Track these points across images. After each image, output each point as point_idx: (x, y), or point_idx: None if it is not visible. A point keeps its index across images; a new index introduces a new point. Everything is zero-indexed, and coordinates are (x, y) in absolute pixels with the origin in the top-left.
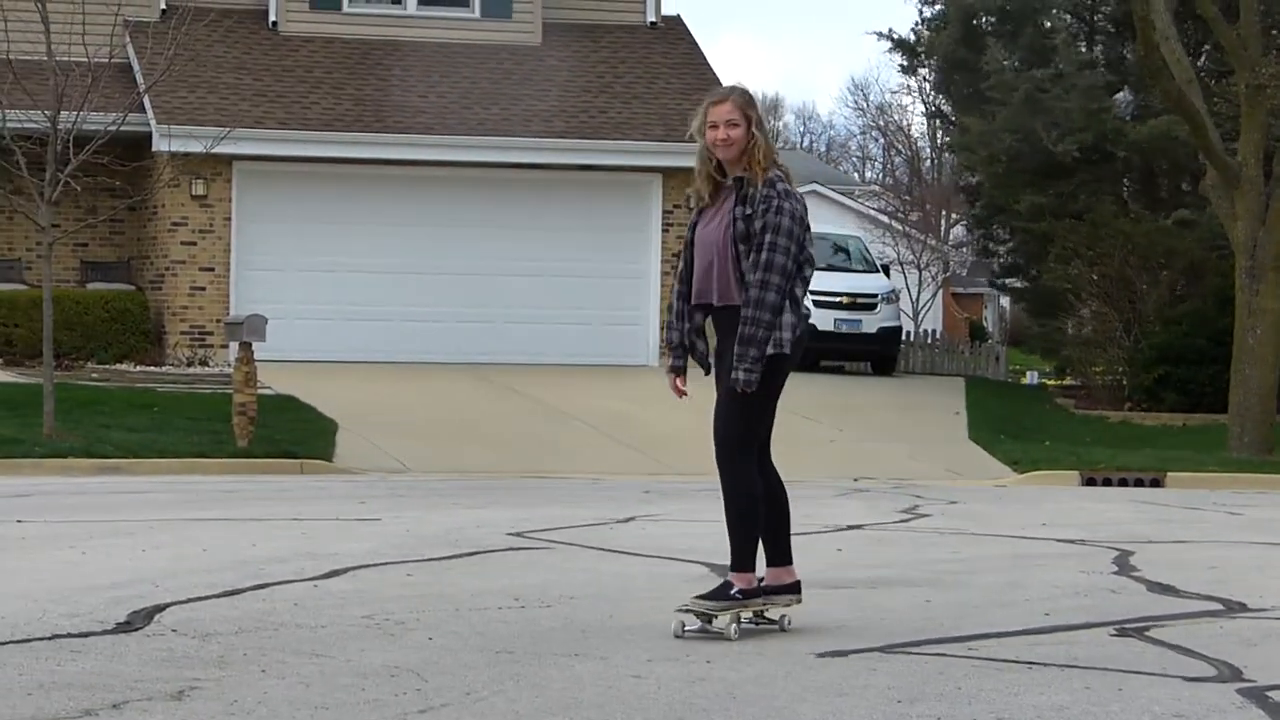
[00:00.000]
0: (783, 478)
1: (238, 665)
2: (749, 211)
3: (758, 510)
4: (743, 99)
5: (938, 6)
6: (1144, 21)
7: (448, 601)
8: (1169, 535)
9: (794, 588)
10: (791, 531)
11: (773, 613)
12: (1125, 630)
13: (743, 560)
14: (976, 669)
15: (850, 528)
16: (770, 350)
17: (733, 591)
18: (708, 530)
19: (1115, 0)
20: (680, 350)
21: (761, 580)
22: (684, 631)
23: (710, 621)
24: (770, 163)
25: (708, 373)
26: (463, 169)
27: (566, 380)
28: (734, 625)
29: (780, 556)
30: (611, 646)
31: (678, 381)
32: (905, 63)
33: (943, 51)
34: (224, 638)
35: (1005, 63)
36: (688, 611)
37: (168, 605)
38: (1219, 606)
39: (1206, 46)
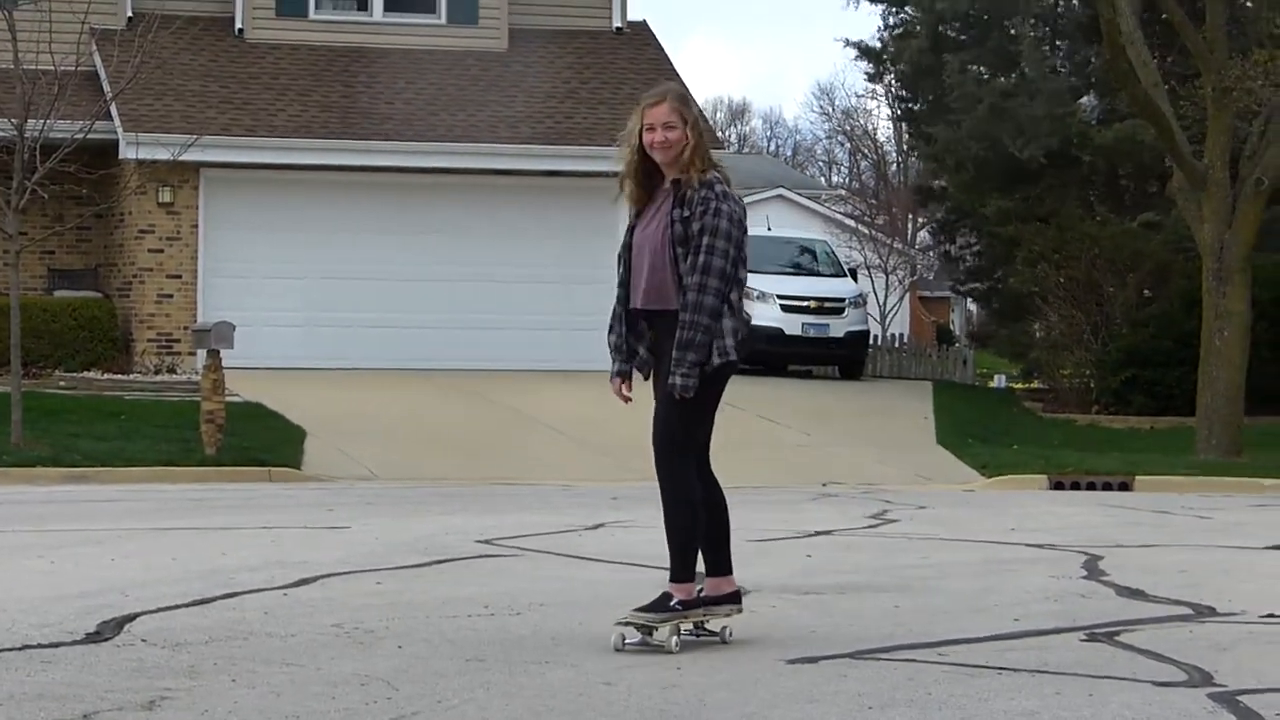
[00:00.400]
0: (751, 483)
1: (208, 675)
2: (687, 214)
3: (697, 518)
4: (679, 99)
5: (903, 13)
6: (1110, 25)
7: (418, 609)
8: (1138, 539)
9: (734, 597)
10: (732, 540)
11: (713, 624)
12: (1095, 635)
13: (682, 570)
14: (947, 674)
15: (819, 533)
16: (716, 359)
17: (672, 603)
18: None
19: (1081, 4)
20: (623, 355)
21: (700, 591)
22: (624, 644)
23: (650, 634)
24: (708, 164)
25: (646, 378)
26: (429, 175)
27: (534, 386)
28: (675, 638)
29: (720, 566)
30: (582, 654)
31: (623, 387)
32: (871, 70)
33: (910, 58)
34: (194, 647)
35: (970, 69)
36: (627, 624)
37: (138, 615)
38: (1189, 611)
39: (1173, 50)
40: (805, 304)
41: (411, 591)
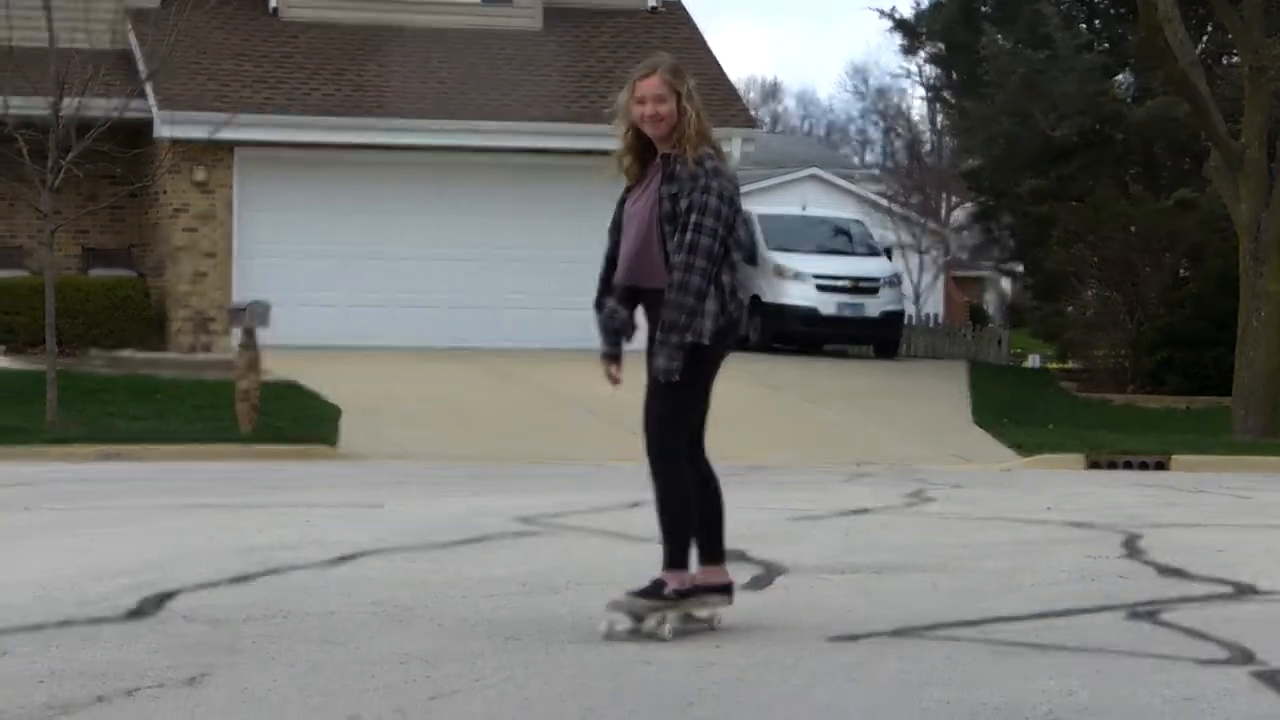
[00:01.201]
0: (786, 463)
1: (248, 652)
2: (675, 190)
3: (690, 505)
4: (671, 72)
5: None
6: (1147, 4)
7: (454, 588)
8: (1176, 519)
9: (726, 589)
10: (725, 529)
11: (702, 611)
12: (1135, 614)
13: (675, 557)
14: (986, 653)
15: (856, 512)
16: (689, 339)
17: (666, 591)
18: None
19: None
20: (612, 335)
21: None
22: (614, 631)
23: (641, 621)
24: (701, 139)
25: (629, 339)
26: (462, 154)
27: (565, 365)
28: (666, 626)
29: (712, 555)
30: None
31: (611, 368)
32: (905, 43)
33: (942, 31)
34: (234, 624)
35: (1003, 44)
36: (619, 609)
37: (177, 592)
38: (1229, 589)
39: (1209, 28)
40: (840, 284)
41: (448, 570)
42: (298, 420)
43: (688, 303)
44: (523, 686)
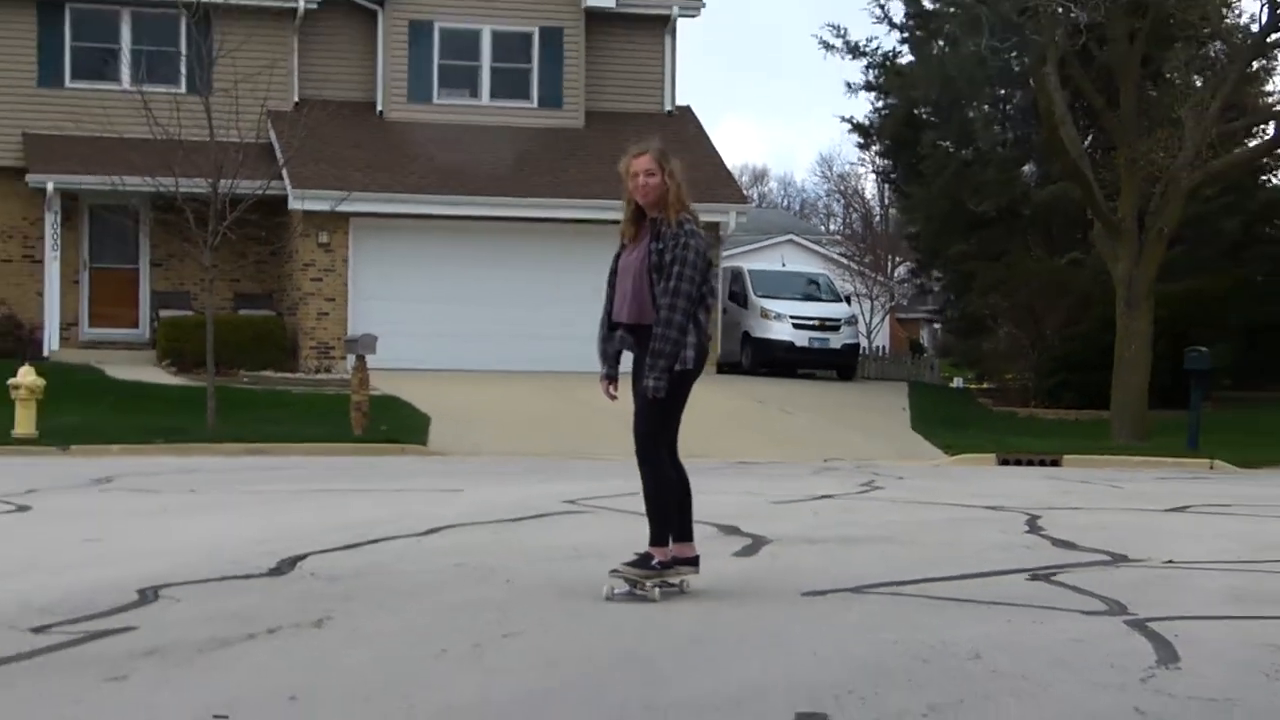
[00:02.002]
0: (767, 460)
1: (360, 601)
2: (661, 246)
3: (669, 496)
4: (659, 153)
5: (888, 99)
6: (1047, 110)
7: (519, 554)
8: (1067, 504)
9: (694, 561)
10: (693, 513)
11: (675, 579)
12: (1037, 576)
13: (660, 536)
14: (925, 605)
15: (822, 497)
16: (677, 367)
17: (653, 562)
18: (714, 499)
19: (1023, 94)
20: (611, 361)
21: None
22: (614, 594)
23: (636, 586)
24: (682, 206)
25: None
26: (523, 223)
27: (600, 385)
28: (656, 589)
29: (684, 534)
30: None
31: (610, 388)
32: (861, 141)
33: (891, 133)
34: (348, 580)
35: (939, 143)
36: (618, 576)
37: (306, 555)
38: (1108, 558)
39: (1094, 129)
40: (811, 322)
41: (513, 540)
42: (397, 425)
43: (672, 335)
44: (575, 630)
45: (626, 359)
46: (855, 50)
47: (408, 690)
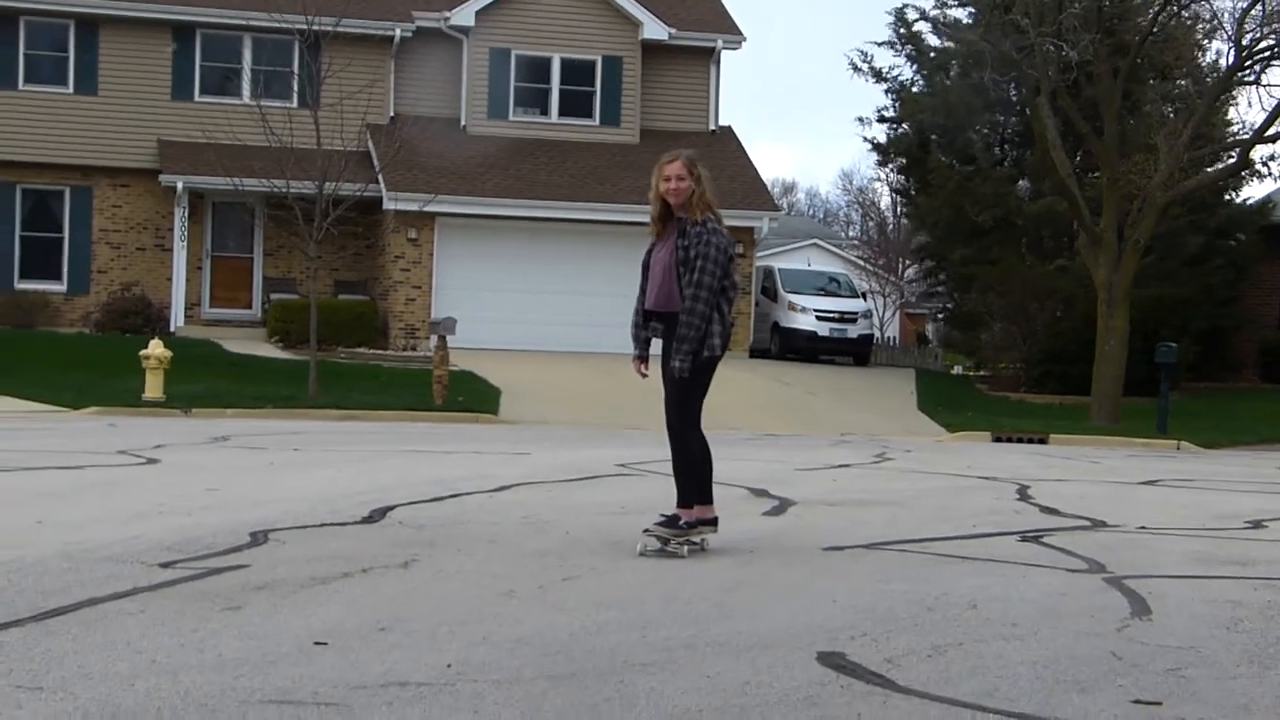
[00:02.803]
0: (791, 433)
1: (442, 546)
2: (687, 244)
3: (695, 464)
4: (689, 160)
5: (901, 126)
6: (1040, 135)
7: (576, 509)
8: (1052, 476)
9: (714, 522)
10: (715, 480)
11: (697, 537)
12: (1026, 537)
13: (687, 499)
14: (928, 561)
15: (840, 466)
16: (705, 354)
17: (681, 522)
18: (748, 465)
19: (1018, 120)
20: (641, 344)
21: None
22: (646, 550)
23: (667, 544)
24: (706, 207)
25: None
26: (585, 224)
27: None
28: (685, 547)
29: (705, 497)
30: None
31: (640, 366)
32: (879, 158)
33: (904, 152)
34: (431, 528)
35: (944, 160)
36: (650, 535)
37: (394, 506)
38: (1088, 523)
39: (1081, 151)
40: (832, 315)
41: (572, 497)
42: (472, 397)
43: (695, 322)
44: (624, 574)
45: (656, 343)
46: (878, 75)
47: (483, 624)
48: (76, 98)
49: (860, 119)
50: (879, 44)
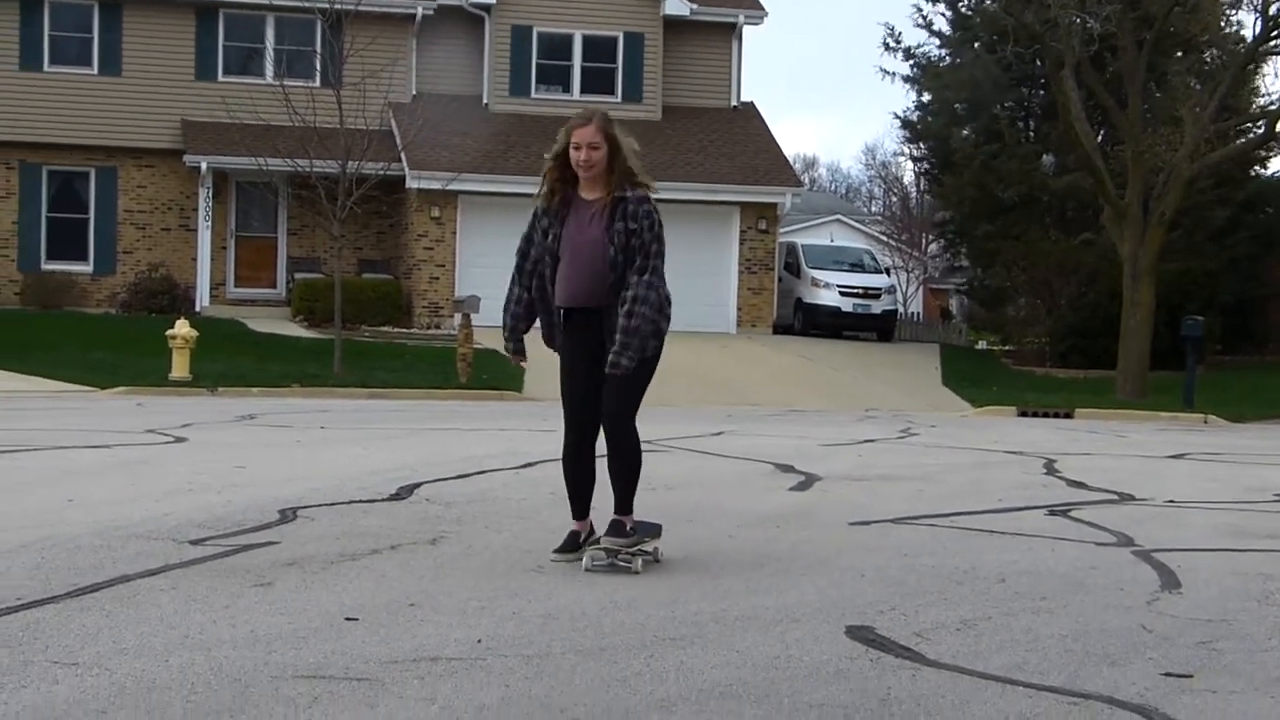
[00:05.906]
0: (816, 409)
1: (470, 523)
2: (633, 226)
3: (639, 464)
4: (604, 122)
5: (929, 103)
6: (1064, 109)
7: (601, 485)
8: (1078, 450)
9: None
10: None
11: (648, 547)
12: (1054, 511)
13: (627, 505)
14: (956, 535)
15: (865, 441)
16: (654, 343)
17: (627, 528)
18: (771, 441)
19: (1042, 94)
20: (517, 337)
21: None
22: (593, 566)
23: (616, 555)
24: (632, 178)
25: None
26: None
27: (675, 342)
28: (639, 559)
29: (628, 505)
30: (712, 517)
31: (521, 361)
32: (909, 135)
33: (932, 130)
34: (459, 505)
35: (969, 137)
36: (599, 549)
37: (422, 483)
38: (1116, 497)
39: (1105, 125)
40: (855, 291)
41: (598, 472)
42: (496, 374)
43: (649, 314)
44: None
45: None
46: (907, 52)
47: (513, 599)
48: (101, 79)
49: (884, 71)
50: (912, 13)
